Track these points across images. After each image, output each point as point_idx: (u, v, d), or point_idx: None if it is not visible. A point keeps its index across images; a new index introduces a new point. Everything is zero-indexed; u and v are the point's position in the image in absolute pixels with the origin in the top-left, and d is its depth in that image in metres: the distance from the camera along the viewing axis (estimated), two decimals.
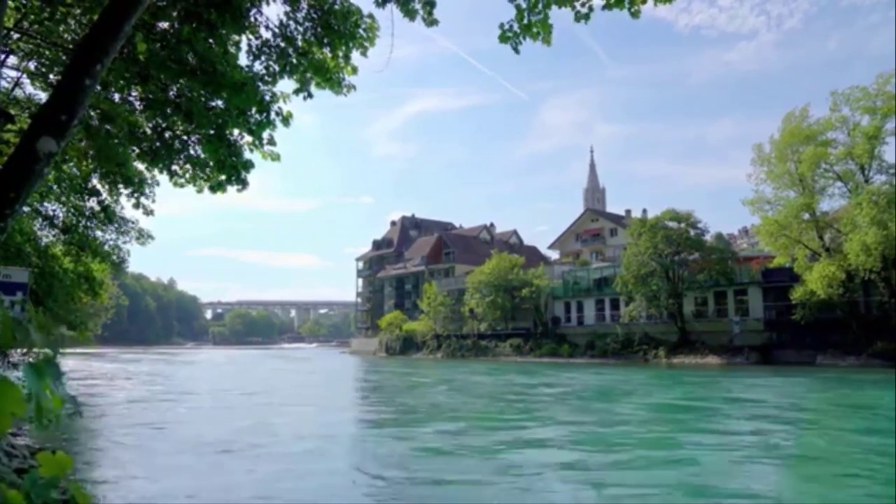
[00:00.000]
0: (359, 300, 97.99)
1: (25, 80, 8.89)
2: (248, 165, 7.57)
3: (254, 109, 7.03)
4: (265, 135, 7.41)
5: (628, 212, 75.16)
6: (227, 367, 46.79)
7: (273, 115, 7.25)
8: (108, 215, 12.96)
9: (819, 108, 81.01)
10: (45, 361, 1.04)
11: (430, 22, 6.06)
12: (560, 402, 19.59)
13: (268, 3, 6.78)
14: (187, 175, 8.37)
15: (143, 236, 15.21)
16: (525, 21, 5.14)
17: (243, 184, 7.70)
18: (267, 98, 7.10)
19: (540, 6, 5.06)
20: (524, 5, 5.11)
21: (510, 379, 29.53)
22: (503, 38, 5.23)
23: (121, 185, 10.93)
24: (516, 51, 5.29)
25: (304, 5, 6.78)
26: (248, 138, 7.46)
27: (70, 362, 40.71)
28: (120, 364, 46.95)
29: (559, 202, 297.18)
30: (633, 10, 4.91)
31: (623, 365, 39.89)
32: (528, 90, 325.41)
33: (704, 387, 23.91)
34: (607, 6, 4.89)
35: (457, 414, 16.79)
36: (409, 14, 6.00)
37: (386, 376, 35.09)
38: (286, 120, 7.38)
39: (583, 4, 4.99)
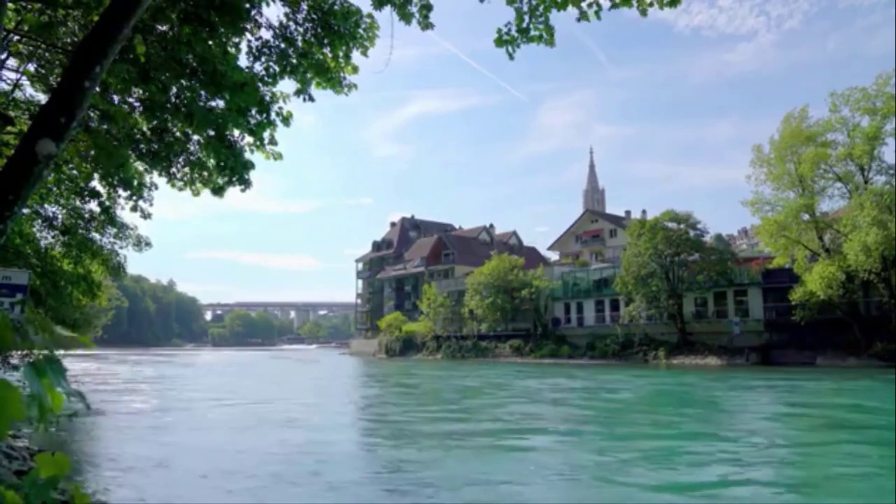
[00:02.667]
0: (358, 301, 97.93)
1: (25, 82, 8.89)
2: (249, 166, 7.57)
3: (254, 110, 7.03)
4: (266, 135, 7.42)
5: (628, 213, 75.28)
6: (238, 370, 45.73)
7: (273, 116, 7.26)
8: (109, 217, 12.96)
9: (818, 108, 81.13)
10: (47, 359, 1.04)
11: (426, 26, 6.04)
12: (661, 412, 17.85)
13: (267, 5, 6.79)
14: (185, 178, 8.37)
15: (141, 243, 15.10)
16: (524, 25, 5.12)
17: (246, 183, 7.71)
18: (267, 98, 7.11)
19: (540, 9, 5.05)
20: (524, 8, 5.10)
21: (556, 383, 27.27)
22: (499, 42, 5.20)
23: (119, 188, 10.93)
24: (511, 56, 5.27)
25: (304, 6, 6.79)
26: (248, 139, 7.47)
27: (78, 365, 40.63)
28: (129, 366, 46.36)
29: (558, 203, 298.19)
30: (640, 7, 4.88)
31: (624, 366, 39.85)
32: (527, 91, 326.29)
33: (800, 392, 21.71)
34: (614, 6, 4.86)
35: (574, 425, 14.54)
36: (406, 17, 5.99)
37: (417, 379, 32.90)
38: (286, 120, 7.39)
39: (589, 5, 4.95)
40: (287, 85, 7.29)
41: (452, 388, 27.40)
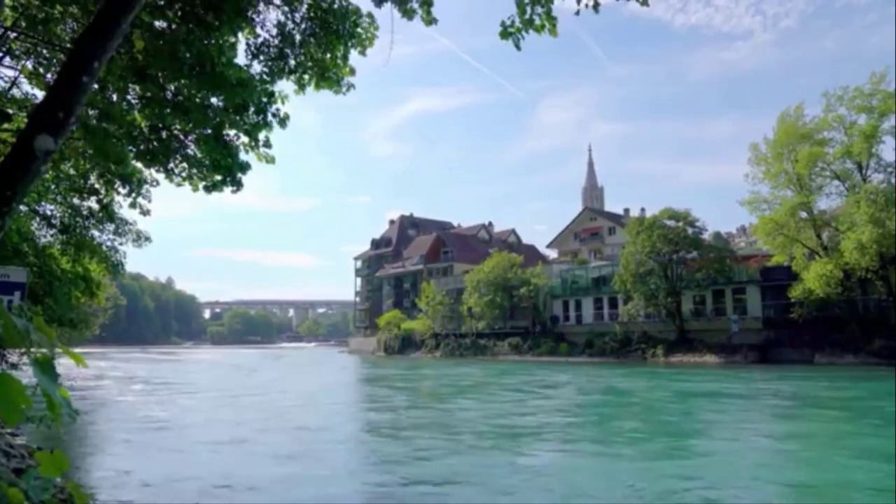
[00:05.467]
0: (357, 299, 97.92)
1: (23, 80, 8.85)
2: (245, 167, 7.55)
3: (251, 110, 7.01)
4: (261, 136, 7.40)
5: (626, 210, 75.29)
6: (249, 369, 43.14)
7: (270, 117, 7.23)
8: (108, 214, 12.92)
9: (815, 107, 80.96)
10: (43, 360, 1.04)
11: (429, 21, 6.04)
12: (789, 417, 15.84)
13: (266, 4, 6.76)
14: (184, 174, 8.35)
15: (141, 238, 15.06)
16: (527, 15, 5.11)
17: (238, 185, 7.69)
18: (264, 100, 7.09)
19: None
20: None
21: (608, 385, 25.55)
22: (504, 35, 5.17)
23: (118, 185, 10.90)
24: (517, 47, 5.21)
25: (303, 5, 6.76)
26: (244, 139, 7.45)
27: (88, 363, 39.98)
28: (138, 365, 45.49)
29: (557, 201, 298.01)
30: None
31: (622, 364, 39.88)
32: (526, 89, 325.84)
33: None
34: None
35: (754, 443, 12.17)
36: (408, 14, 5.98)
37: (437, 379, 31.02)
38: (283, 122, 7.36)
39: None
40: (285, 85, 7.28)
41: (507, 387, 24.67)
